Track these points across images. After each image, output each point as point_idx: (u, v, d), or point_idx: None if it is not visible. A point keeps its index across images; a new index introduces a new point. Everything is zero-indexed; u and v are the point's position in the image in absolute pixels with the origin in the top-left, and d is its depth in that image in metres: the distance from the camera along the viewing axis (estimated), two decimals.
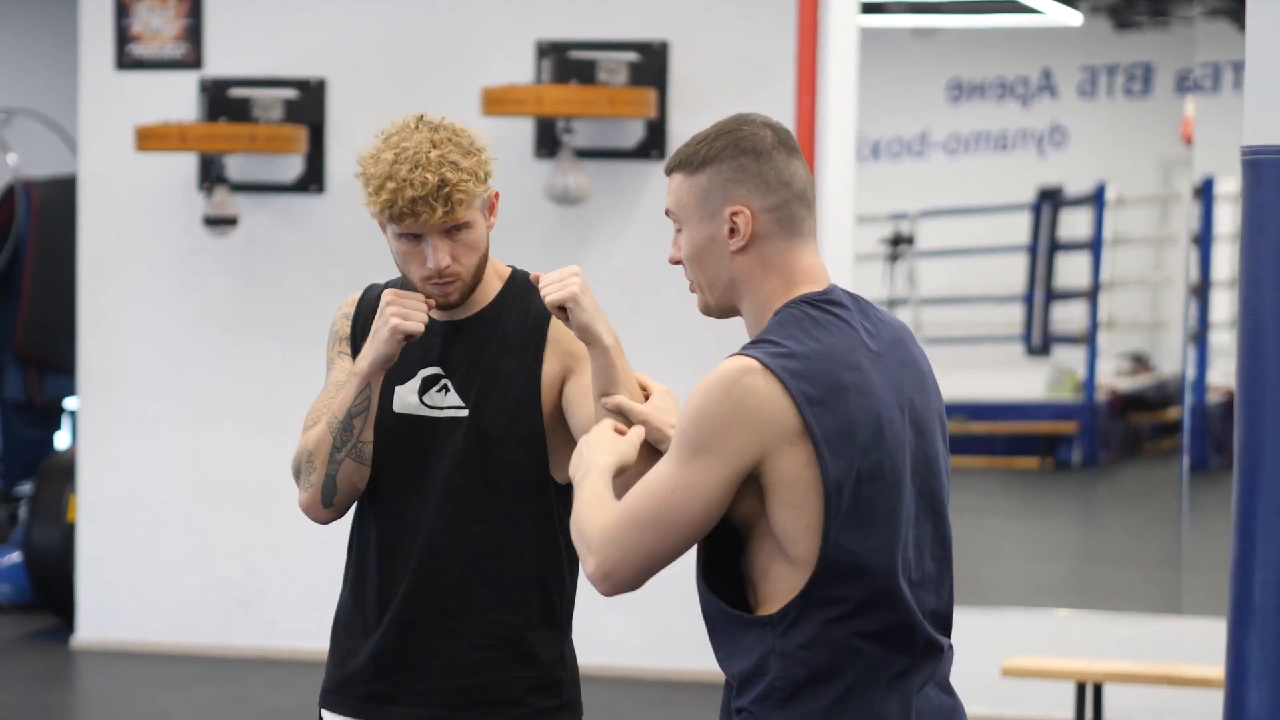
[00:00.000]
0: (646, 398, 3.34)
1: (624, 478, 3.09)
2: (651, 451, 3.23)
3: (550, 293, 3.33)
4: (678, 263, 3.07)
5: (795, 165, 3.02)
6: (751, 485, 2.90)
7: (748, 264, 3.01)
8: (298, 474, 3.50)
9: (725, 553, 2.99)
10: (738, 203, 3.00)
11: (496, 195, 3.50)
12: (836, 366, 2.93)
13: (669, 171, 3.06)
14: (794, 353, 2.91)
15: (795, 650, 2.89)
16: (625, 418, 3.25)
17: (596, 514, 2.97)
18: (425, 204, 3.37)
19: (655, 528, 2.91)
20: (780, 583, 2.92)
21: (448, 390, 3.50)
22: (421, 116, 3.46)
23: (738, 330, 3.05)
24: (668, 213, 3.07)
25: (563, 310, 3.33)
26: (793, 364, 2.89)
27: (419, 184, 3.37)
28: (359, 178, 3.45)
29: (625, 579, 2.94)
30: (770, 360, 2.89)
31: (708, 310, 3.09)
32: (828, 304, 2.99)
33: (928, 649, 2.97)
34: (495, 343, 3.50)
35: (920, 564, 2.98)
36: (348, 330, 3.59)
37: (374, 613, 3.52)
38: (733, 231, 3.00)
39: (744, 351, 2.93)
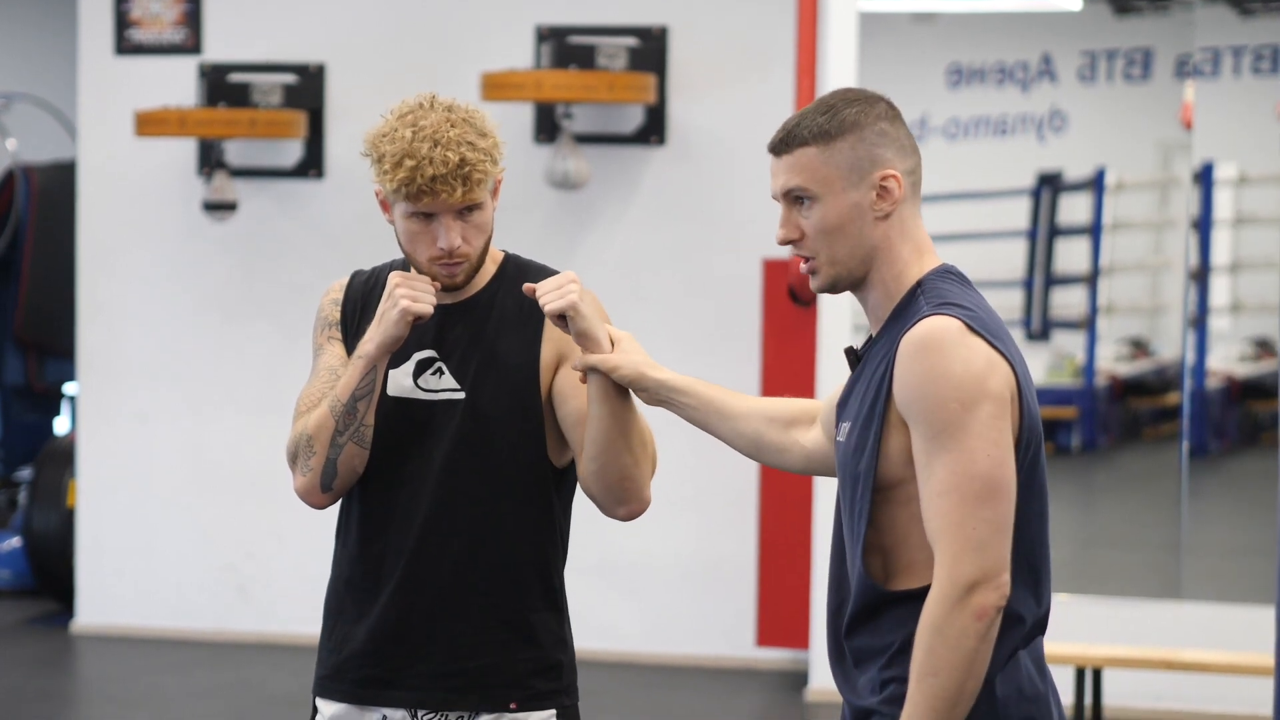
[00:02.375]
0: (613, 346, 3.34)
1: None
2: (623, 392, 3.26)
3: (549, 301, 3.33)
4: (790, 242, 2.97)
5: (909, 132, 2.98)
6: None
7: (888, 231, 2.94)
8: (294, 459, 3.47)
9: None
10: (887, 166, 2.93)
11: (500, 180, 3.49)
12: (1008, 333, 2.90)
13: (792, 148, 2.94)
14: (981, 317, 2.87)
15: None
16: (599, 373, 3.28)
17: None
18: (445, 182, 3.34)
19: (994, 498, 2.81)
20: (926, 549, 2.85)
21: (442, 373, 3.48)
22: (434, 96, 3.43)
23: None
24: (790, 192, 2.95)
25: (562, 319, 3.33)
26: (988, 325, 2.86)
27: (440, 162, 3.34)
28: (368, 155, 3.40)
29: (1000, 569, 2.80)
30: (973, 321, 2.84)
31: (831, 287, 2.99)
32: (962, 276, 2.97)
33: (1048, 615, 2.97)
34: (492, 325, 3.48)
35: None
36: (337, 316, 3.55)
37: (370, 597, 3.49)
38: (880, 196, 2.93)
39: (942, 313, 2.84)
